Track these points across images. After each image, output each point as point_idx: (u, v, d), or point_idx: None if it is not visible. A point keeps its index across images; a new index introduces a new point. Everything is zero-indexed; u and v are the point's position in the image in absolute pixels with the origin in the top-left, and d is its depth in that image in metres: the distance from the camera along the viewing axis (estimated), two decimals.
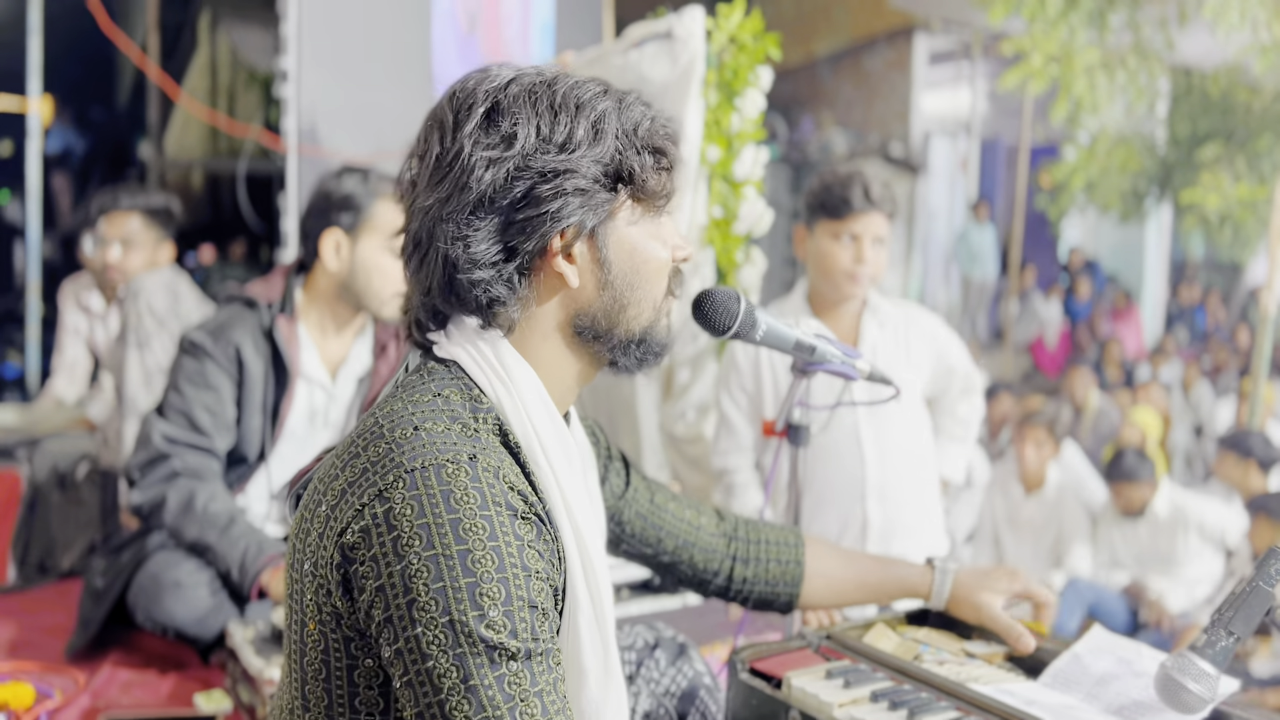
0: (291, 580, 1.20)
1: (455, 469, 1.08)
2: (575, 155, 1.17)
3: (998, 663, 1.58)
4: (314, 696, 1.16)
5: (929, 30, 10.97)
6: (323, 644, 1.14)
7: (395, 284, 2.38)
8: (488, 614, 1.04)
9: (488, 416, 1.18)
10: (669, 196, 1.26)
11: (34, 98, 6.30)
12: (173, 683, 2.21)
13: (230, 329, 2.38)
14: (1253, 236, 8.93)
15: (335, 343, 2.52)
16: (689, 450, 3.20)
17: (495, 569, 1.05)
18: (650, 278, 1.25)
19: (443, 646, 1.03)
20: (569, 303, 1.23)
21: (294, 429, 2.46)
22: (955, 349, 2.80)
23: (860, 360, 1.69)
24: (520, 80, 1.19)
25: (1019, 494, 5.25)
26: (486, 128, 1.17)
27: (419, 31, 4.66)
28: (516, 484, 1.12)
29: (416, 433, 1.12)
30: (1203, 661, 1.27)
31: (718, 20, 2.98)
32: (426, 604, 1.04)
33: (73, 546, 2.97)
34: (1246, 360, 8.21)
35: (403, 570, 1.05)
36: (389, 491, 1.08)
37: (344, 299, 2.46)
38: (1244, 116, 8.87)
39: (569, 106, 1.18)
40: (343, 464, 1.15)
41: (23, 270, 6.82)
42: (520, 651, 1.05)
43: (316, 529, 1.14)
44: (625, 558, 1.65)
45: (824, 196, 2.61)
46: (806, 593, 1.68)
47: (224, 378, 2.35)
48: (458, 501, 1.06)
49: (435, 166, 1.18)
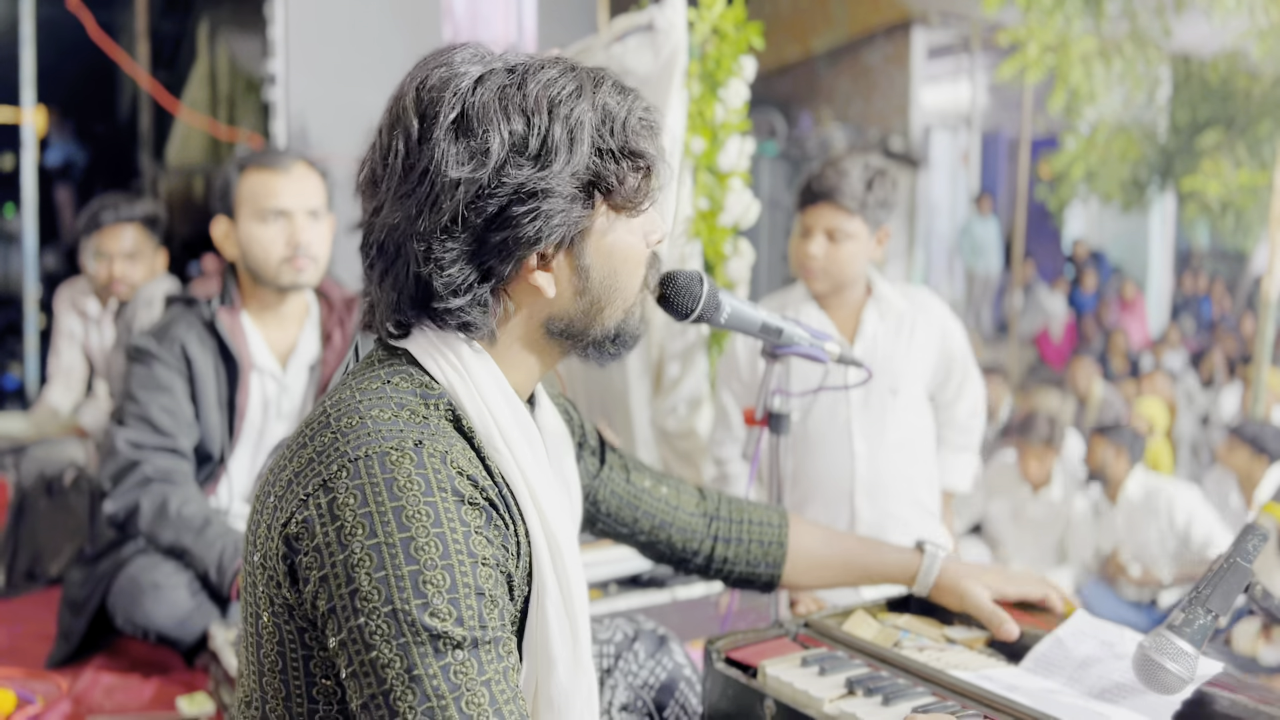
0: (246, 573, 1.18)
1: (399, 456, 1.06)
2: (551, 171, 1.11)
3: (979, 648, 1.55)
4: (271, 688, 1.14)
5: (927, 24, 10.93)
6: (277, 635, 1.12)
7: (277, 251, 2.40)
8: (431, 602, 1.02)
9: (439, 403, 1.15)
10: (648, 196, 1.22)
11: (28, 109, 6.31)
12: (155, 686, 2.20)
13: (172, 328, 2.38)
14: (1255, 223, 8.87)
15: (280, 332, 2.50)
16: (680, 445, 3.18)
17: (439, 556, 1.03)
18: (629, 275, 1.23)
19: (386, 636, 1.01)
20: (544, 308, 1.21)
21: (253, 421, 2.45)
22: (958, 336, 2.74)
23: (830, 343, 1.67)
24: (488, 81, 1.13)
25: (1025, 493, 5.20)
26: (455, 138, 1.11)
27: (409, 33, 4.65)
28: (466, 469, 1.09)
29: (362, 421, 1.10)
30: (1180, 640, 1.24)
31: (699, 11, 2.96)
32: (369, 593, 1.02)
33: (60, 553, 2.95)
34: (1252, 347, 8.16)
35: (345, 560, 1.03)
36: (333, 481, 1.06)
37: (257, 283, 2.45)
38: (1244, 102, 8.82)
39: (541, 110, 1.12)
40: (290, 454, 1.14)
41: (20, 282, 6.83)
42: (466, 640, 1.03)
43: (265, 520, 1.12)
44: (601, 536, 1.63)
45: (800, 187, 2.59)
46: (789, 573, 1.65)
47: (175, 376, 2.34)
48: (401, 489, 1.04)
49: (403, 177, 1.13)
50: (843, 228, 2.51)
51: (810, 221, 2.53)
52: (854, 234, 2.52)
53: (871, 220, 2.53)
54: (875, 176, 2.53)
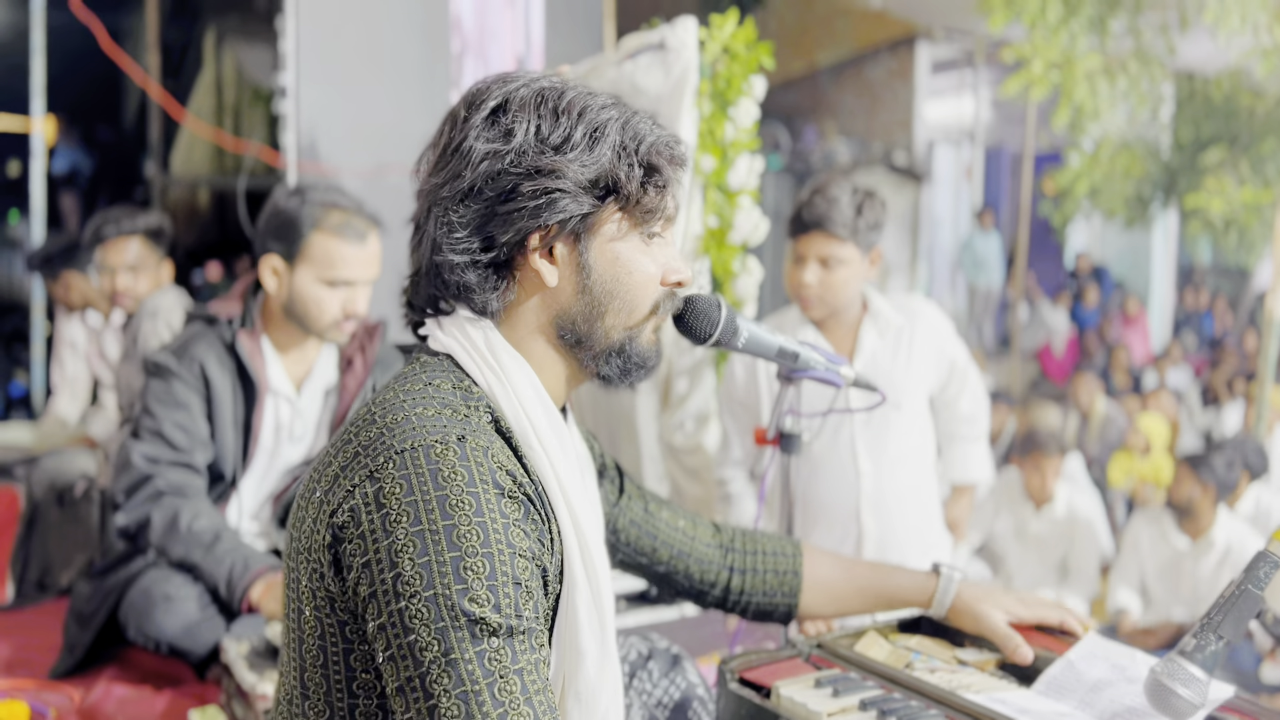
0: (288, 568, 1.21)
1: (444, 448, 1.10)
2: (566, 158, 1.19)
3: (990, 670, 1.56)
4: (313, 683, 1.17)
5: (931, 39, 10.97)
6: (319, 629, 1.15)
7: (331, 314, 2.36)
8: (472, 587, 1.05)
9: (479, 405, 1.19)
10: (662, 215, 1.26)
11: (37, 118, 6.34)
12: (168, 699, 2.21)
13: (192, 346, 2.38)
14: (1258, 240, 8.90)
15: (299, 355, 2.50)
16: (688, 461, 3.19)
17: (480, 544, 1.07)
18: (634, 290, 1.26)
19: (425, 620, 1.04)
20: (550, 303, 1.25)
21: (265, 444, 2.45)
22: (952, 337, 2.75)
23: (845, 367, 1.69)
24: (534, 84, 1.23)
25: (1028, 510, 5.20)
26: (491, 123, 1.21)
27: (418, 46, 4.68)
28: (506, 464, 1.13)
29: (407, 417, 1.14)
30: (1192, 666, 1.25)
31: (710, 30, 2.98)
32: (411, 578, 1.05)
33: (71, 564, 2.97)
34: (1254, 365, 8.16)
35: (389, 545, 1.07)
36: (379, 472, 1.10)
37: (291, 320, 2.43)
38: (1247, 120, 8.85)
39: (572, 112, 1.21)
40: (336, 450, 1.18)
41: (26, 288, 6.85)
42: (502, 627, 1.06)
43: (311, 514, 1.16)
44: (622, 569, 1.64)
45: (791, 215, 2.60)
46: (805, 602, 1.67)
47: (192, 394, 2.35)
48: (445, 479, 1.08)
49: (440, 154, 1.24)
50: (835, 254, 2.52)
51: (803, 250, 2.55)
52: (847, 259, 2.53)
53: (863, 244, 2.55)
54: (864, 200, 2.54)
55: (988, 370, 9.25)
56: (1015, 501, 5.26)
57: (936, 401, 2.79)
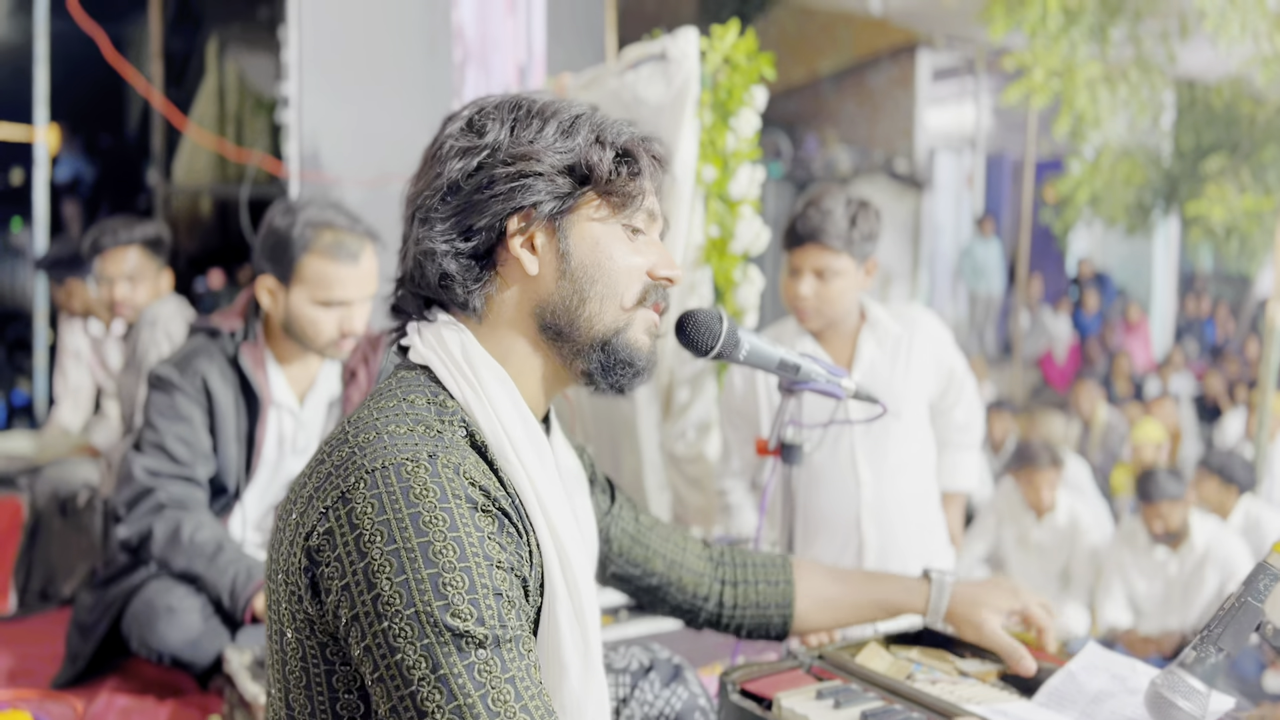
0: (269, 590, 1.21)
1: (414, 466, 1.10)
2: (540, 146, 1.22)
3: (991, 681, 1.57)
4: (298, 704, 1.17)
5: (932, 47, 10.99)
6: (300, 651, 1.15)
7: (328, 334, 2.36)
8: (453, 602, 1.05)
9: (453, 419, 1.19)
10: (640, 202, 1.27)
11: (40, 126, 6.36)
12: (170, 709, 2.21)
13: (195, 360, 2.38)
14: (1259, 248, 8.90)
15: (302, 368, 2.50)
16: (690, 470, 3.20)
17: (457, 558, 1.07)
18: (615, 275, 1.25)
19: (410, 638, 1.04)
20: (531, 294, 1.25)
21: (268, 456, 2.46)
22: (948, 344, 2.75)
23: (846, 379, 1.69)
24: (515, 95, 1.27)
25: (1030, 519, 5.20)
26: (466, 129, 1.25)
27: (420, 56, 4.69)
28: (478, 480, 1.13)
29: (379, 436, 1.14)
30: (1192, 678, 1.25)
31: (712, 41, 3.00)
32: (391, 598, 1.05)
33: (74, 574, 2.97)
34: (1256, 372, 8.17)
35: (365, 567, 1.06)
36: (350, 493, 1.09)
37: (290, 336, 2.42)
38: (1248, 128, 8.86)
39: (545, 112, 1.25)
40: (310, 471, 1.18)
41: (29, 296, 6.86)
42: (488, 639, 1.06)
43: (288, 536, 1.16)
44: (615, 583, 1.64)
45: (785, 228, 2.60)
46: (800, 614, 1.67)
47: (194, 408, 2.35)
48: (417, 496, 1.08)
49: (421, 165, 1.28)
50: (830, 266, 2.52)
51: (798, 262, 2.55)
52: (842, 271, 2.53)
53: (858, 254, 2.55)
54: (858, 211, 2.54)
55: (989, 378, 9.23)
56: (1017, 511, 5.26)
57: (934, 408, 2.80)
